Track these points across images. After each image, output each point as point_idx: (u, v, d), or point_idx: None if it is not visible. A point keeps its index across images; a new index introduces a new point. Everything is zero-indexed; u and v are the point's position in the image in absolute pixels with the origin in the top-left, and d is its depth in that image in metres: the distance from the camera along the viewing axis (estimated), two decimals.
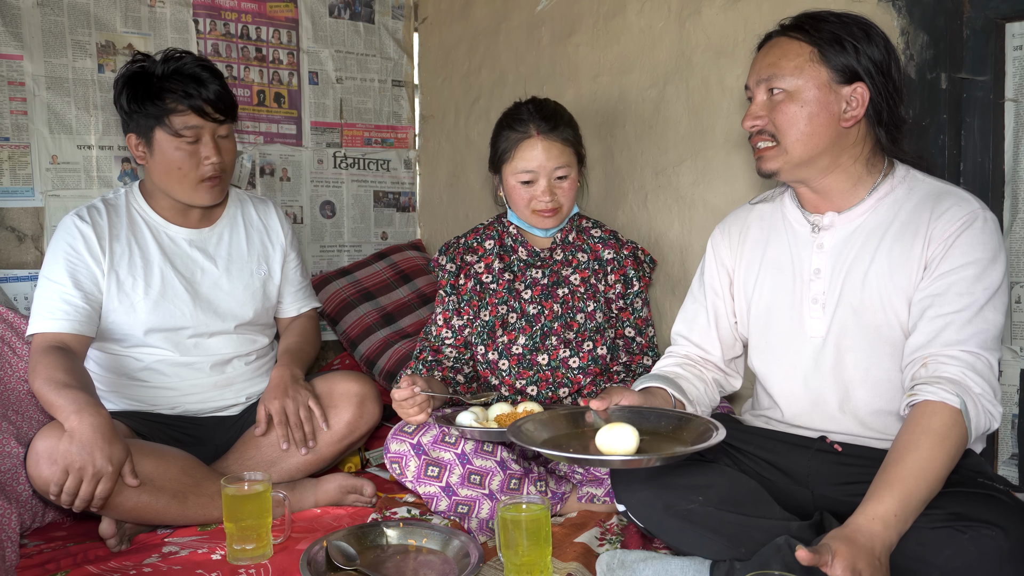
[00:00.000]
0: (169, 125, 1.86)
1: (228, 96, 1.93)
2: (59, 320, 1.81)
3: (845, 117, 1.42)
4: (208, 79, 1.89)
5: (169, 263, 1.96)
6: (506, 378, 1.97)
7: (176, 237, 1.99)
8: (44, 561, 1.61)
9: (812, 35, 1.41)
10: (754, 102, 1.47)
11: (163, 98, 1.85)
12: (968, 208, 1.37)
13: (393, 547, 1.61)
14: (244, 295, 2.04)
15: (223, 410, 2.02)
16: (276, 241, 2.13)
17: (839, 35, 1.40)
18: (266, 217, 2.15)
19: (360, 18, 2.99)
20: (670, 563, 1.44)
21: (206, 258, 2.01)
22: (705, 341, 1.66)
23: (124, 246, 1.92)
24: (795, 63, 1.41)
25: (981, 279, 1.33)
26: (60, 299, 1.83)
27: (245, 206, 2.13)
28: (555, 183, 1.95)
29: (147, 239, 1.96)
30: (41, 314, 1.83)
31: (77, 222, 1.89)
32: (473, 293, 2.02)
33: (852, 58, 1.39)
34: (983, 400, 1.28)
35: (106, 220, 1.92)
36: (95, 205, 1.95)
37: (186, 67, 1.89)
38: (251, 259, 2.07)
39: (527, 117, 1.95)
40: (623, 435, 1.31)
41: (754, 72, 1.48)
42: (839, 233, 1.48)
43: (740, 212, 1.67)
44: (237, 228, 2.08)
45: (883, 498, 1.20)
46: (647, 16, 2.29)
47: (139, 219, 1.97)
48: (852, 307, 1.45)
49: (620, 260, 2.03)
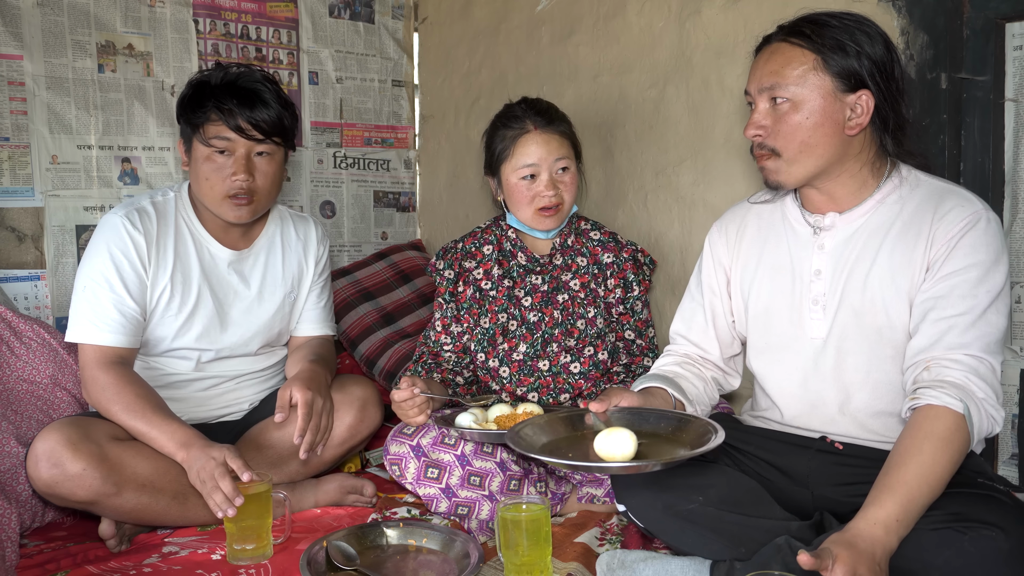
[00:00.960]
0: (202, 134, 1.83)
1: (278, 119, 1.86)
2: (116, 333, 1.79)
3: (850, 125, 1.39)
4: (265, 99, 1.84)
5: (207, 283, 1.92)
6: (507, 385, 1.97)
7: (217, 256, 1.95)
8: (44, 561, 1.61)
9: (815, 41, 1.38)
10: (756, 110, 1.44)
11: (203, 106, 1.82)
12: (971, 209, 1.37)
13: (393, 547, 1.61)
14: (273, 319, 2.01)
15: (226, 416, 2.02)
16: (312, 260, 2.09)
17: (842, 41, 1.37)
18: (306, 236, 2.10)
19: (360, 18, 2.99)
20: (670, 563, 1.44)
21: (241, 281, 1.97)
22: (703, 340, 1.66)
23: (169, 258, 1.88)
24: (798, 72, 1.38)
25: (984, 281, 1.33)
26: (115, 308, 1.80)
27: (285, 225, 2.08)
28: (557, 176, 1.95)
29: (190, 254, 1.91)
30: (95, 323, 1.79)
31: (128, 227, 1.83)
32: (473, 301, 2.02)
33: (856, 64, 1.37)
34: (986, 404, 1.28)
35: (156, 227, 1.87)
36: (145, 209, 1.88)
37: (241, 80, 1.85)
38: (285, 281, 2.04)
39: (521, 114, 1.96)
40: (620, 440, 1.31)
41: (755, 79, 1.44)
42: (840, 234, 1.47)
43: (738, 210, 1.66)
44: (275, 249, 2.04)
45: (884, 503, 1.20)
46: (647, 16, 2.29)
47: (185, 230, 1.93)
48: (853, 309, 1.44)
49: (620, 264, 2.03)
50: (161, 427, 1.69)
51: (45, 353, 2.02)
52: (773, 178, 1.46)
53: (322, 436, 1.88)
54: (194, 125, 1.84)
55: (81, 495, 1.63)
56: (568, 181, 1.96)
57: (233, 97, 1.82)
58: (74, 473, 1.61)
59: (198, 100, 1.84)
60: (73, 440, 1.62)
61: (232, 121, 1.81)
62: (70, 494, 1.63)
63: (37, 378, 1.99)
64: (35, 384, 1.98)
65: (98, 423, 1.72)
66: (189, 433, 1.69)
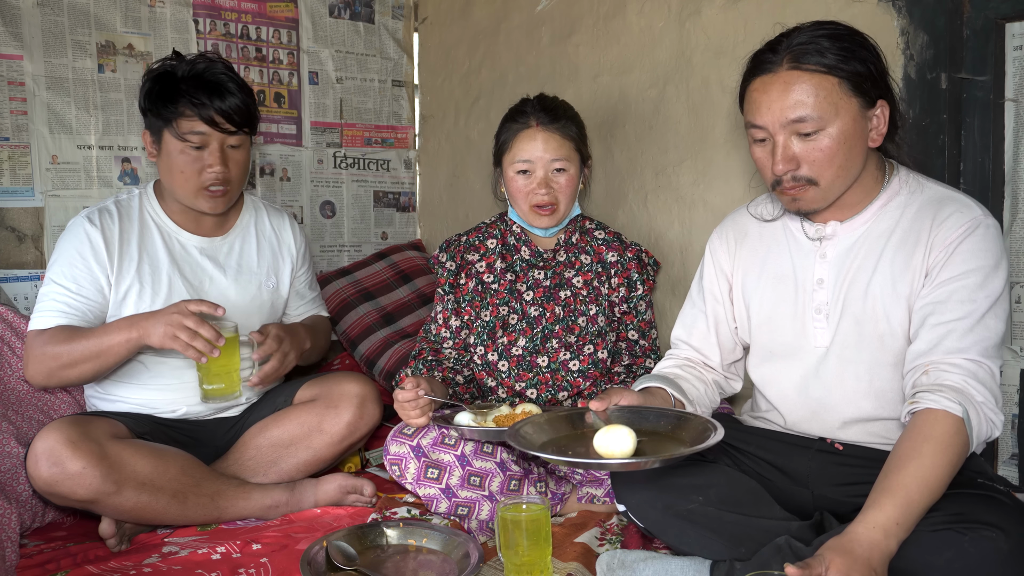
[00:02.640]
0: (176, 128, 1.84)
1: (246, 110, 1.89)
2: (58, 316, 1.81)
3: (872, 137, 1.38)
4: (230, 89, 1.86)
5: (178, 270, 1.94)
6: (505, 380, 1.97)
7: (187, 244, 1.97)
8: (44, 561, 1.61)
9: (831, 64, 1.32)
10: (779, 145, 1.36)
11: (175, 101, 1.83)
12: (970, 215, 1.36)
13: (393, 547, 1.61)
14: (251, 306, 2.02)
15: (223, 411, 2.02)
16: (287, 253, 2.12)
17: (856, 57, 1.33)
18: (280, 228, 2.13)
19: (360, 18, 2.99)
20: (670, 563, 1.44)
21: (215, 267, 1.99)
22: (705, 346, 1.65)
23: (134, 252, 1.90)
24: (828, 100, 1.32)
25: (983, 286, 1.32)
26: (61, 302, 1.83)
27: (260, 215, 2.11)
28: (552, 176, 1.94)
29: (157, 245, 1.94)
30: (41, 313, 1.83)
31: (87, 226, 1.87)
32: (475, 293, 2.02)
33: (870, 79, 1.35)
34: (985, 408, 1.28)
35: (117, 225, 1.90)
36: (107, 208, 1.93)
37: (207, 73, 1.86)
38: (260, 270, 2.06)
39: (529, 110, 1.96)
40: (620, 437, 1.31)
41: (771, 113, 1.35)
42: (842, 243, 1.46)
43: (737, 217, 1.66)
44: (249, 238, 2.07)
45: (884, 506, 1.20)
46: (647, 16, 2.29)
47: (151, 223, 1.95)
48: (855, 317, 1.44)
49: (624, 263, 2.03)
50: (104, 330, 1.75)
51: None
52: (809, 207, 1.42)
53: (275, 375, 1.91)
54: (165, 119, 1.85)
55: (81, 494, 1.63)
56: (563, 183, 1.95)
57: (203, 90, 1.83)
58: (74, 472, 1.61)
59: (167, 95, 1.84)
60: (73, 439, 1.63)
61: (206, 114, 1.83)
62: (70, 493, 1.63)
63: None
64: None
65: (98, 422, 1.72)
66: (130, 317, 1.76)
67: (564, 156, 1.94)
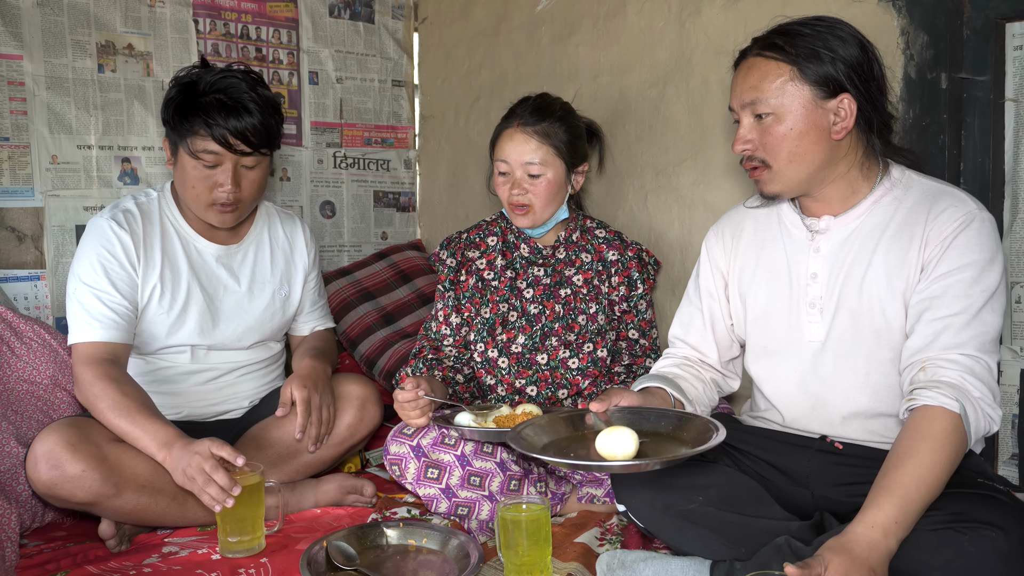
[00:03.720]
0: (189, 146, 1.81)
1: (264, 130, 1.84)
2: (104, 329, 1.78)
3: (835, 130, 1.40)
4: (249, 109, 1.81)
5: (196, 278, 1.93)
6: (505, 377, 1.97)
7: (204, 251, 1.96)
8: (44, 561, 1.61)
9: (788, 52, 1.38)
10: (741, 125, 1.45)
11: (190, 119, 1.79)
12: (965, 209, 1.36)
13: (393, 547, 1.61)
14: (264, 315, 2.02)
15: (226, 413, 2.02)
16: (300, 261, 2.11)
17: (815, 48, 1.37)
18: (292, 235, 2.12)
19: (360, 18, 2.99)
20: (670, 563, 1.44)
21: (230, 276, 1.98)
22: (702, 344, 1.66)
23: (156, 257, 1.89)
24: (776, 85, 1.39)
25: (979, 281, 1.32)
26: (103, 305, 1.79)
27: (272, 222, 2.10)
28: (526, 179, 1.92)
29: (177, 250, 1.93)
30: (86, 322, 1.78)
31: (114, 227, 1.84)
32: (475, 290, 2.02)
33: (831, 69, 1.37)
34: (982, 404, 1.28)
35: (141, 227, 1.88)
36: (129, 210, 1.90)
37: (228, 91, 1.82)
38: (274, 278, 2.05)
39: (518, 110, 1.95)
40: (622, 439, 1.31)
41: (736, 95, 1.46)
42: (836, 236, 1.47)
43: (734, 214, 1.66)
44: (263, 246, 2.06)
45: (882, 505, 1.20)
46: (647, 16, 2.29)
47: (171, 229, 1.94)
48: (850, 311, 1.44)
49: (624, 262, 2.02)
50: (144, 426, 1.66)
51: (45, 353, 2.02)
52: (768, 189, 1.47)
53: (326, 428, 1.91)
54: (180, 134, 1.83)
55: (81, 496, 1.63)
56: (537, 187, 1.91)
57: (219, 110, 1.79)
58: (73, 474, 1.61)
59: (184, 111, 1.81)
60: (72, 441, 1.62)
61: (219, 135, 1.79)
62: (70, 495, 1.62)
63: (37, 378, 1.99)
64: (35, 384, 1.98)
65: (97, 424, 1.72)
66: (171, 433, 1.66)
67: (539, 160, 1.90)
